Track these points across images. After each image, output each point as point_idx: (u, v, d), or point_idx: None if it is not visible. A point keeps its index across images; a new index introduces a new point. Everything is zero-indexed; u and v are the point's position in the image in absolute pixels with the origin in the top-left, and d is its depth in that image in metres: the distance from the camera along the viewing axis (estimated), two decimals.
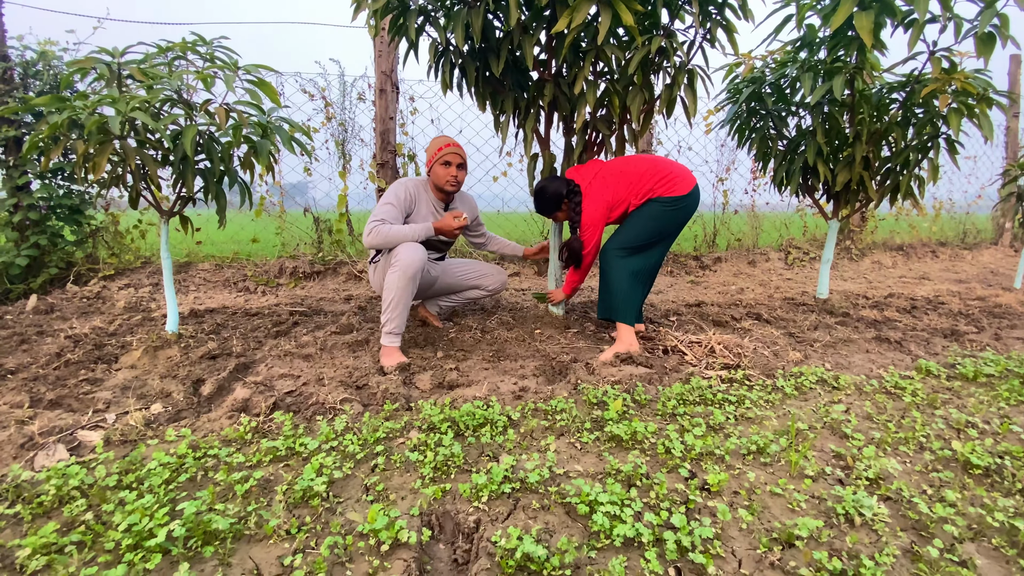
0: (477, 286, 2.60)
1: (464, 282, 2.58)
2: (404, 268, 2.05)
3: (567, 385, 1.84)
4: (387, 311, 2.09)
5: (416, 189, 2.26)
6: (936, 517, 1.15)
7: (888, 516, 1.15)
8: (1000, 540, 1.09)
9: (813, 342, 2.43)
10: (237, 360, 2.03)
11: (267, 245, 4.77)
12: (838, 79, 2.46)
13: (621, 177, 2.21)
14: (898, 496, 1.23)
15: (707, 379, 1.92)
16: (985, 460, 1.35)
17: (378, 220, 2.10)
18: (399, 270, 2.06)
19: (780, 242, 5.60)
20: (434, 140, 2.30)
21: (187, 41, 2.08)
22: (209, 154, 2.14)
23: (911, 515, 1.15)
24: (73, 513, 1.12)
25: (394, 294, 2.07)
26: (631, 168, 2.21)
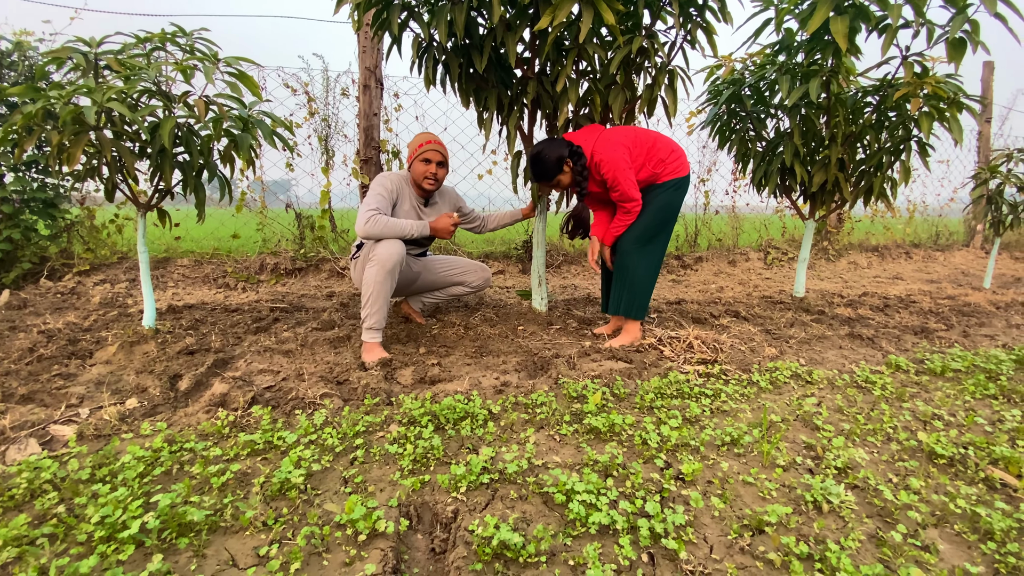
0: (460, 282, 2.61)
1: (447, 278, 2.58)
2: (382, 262, 2.04)
3: (548, 380, 1.85)
4: (366, 306, 2.08)
5: (399, 183, 2.25)
6: (901, 504, 1.19)
7: (855, 503, 1.19)
8: (962, 526, 1.13)
9: (789, 338, 2.48)
10: (215, 356, 2.01)
11: (248, 241, 4.71)
12: (814, 82, 2.52)
13: (635, 140, 2.15)
14: (865, 484, 1.27)
15: (685, 373, 1.95)
16: (949, 450, 1.40)
17: (373, 209, 2.07)
18: (377, 264, 2.05)
19: (760, 242, 5.71)
20: (417, 136, 2.29)
21: (166, 32, 2.05)
22: (188, 147, 2.11)
23: (877, 502, 1.19)
24: (45, 506, 1.10)
25: (372, 289, 2.06)
26: (640, 135, 2.17)
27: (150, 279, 2.28)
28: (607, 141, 2.11)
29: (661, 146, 2.18)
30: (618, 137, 2.13)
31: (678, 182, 2.20)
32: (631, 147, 2.14)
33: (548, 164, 2.15)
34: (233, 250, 4.34)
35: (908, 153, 2.86)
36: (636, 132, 2.18)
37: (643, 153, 2.15)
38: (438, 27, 1.98)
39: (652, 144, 2.16)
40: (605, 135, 2.13)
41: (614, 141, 2.11)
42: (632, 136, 2.15)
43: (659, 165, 2.17)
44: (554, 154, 2.14)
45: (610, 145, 2.10)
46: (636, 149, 2.14)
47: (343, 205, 4.68)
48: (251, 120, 2.19)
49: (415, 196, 2.29)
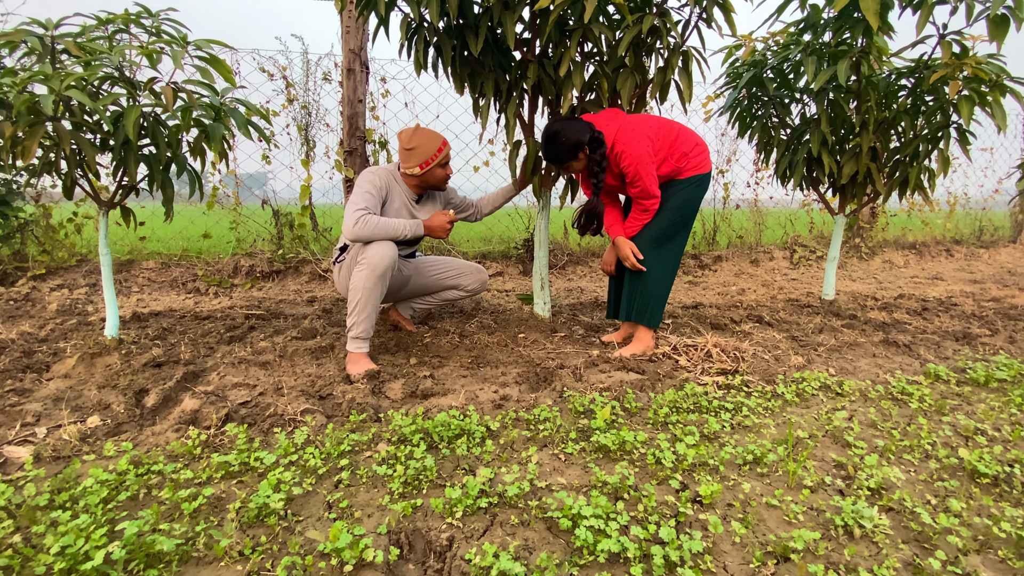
0: (455, 286, 2.62)
1: (440, 282, 2.59)
2: (373, 266, 2.05)
3: (552, 393, 1.86)
4: (353, 314, 2.09)
5: (387, 179, 2.24)
6: (940, 528, 1.20)
7: (889, 527, 1.19)
8: (1007, 552, 1.14)
9: (817, 346, 2.49)
10: (185, 368, 2.02)
11: (220, 241, 4.72)
12: (843, 63, 2.54)
13: (659, 130, 2.16)
14: (900, 507, 1.28)
15: (702, 385, 1.96)
16: (993, 468, 1.41)
17: (362, 209, 2.07)
18: (367, 268, 2.06)
19: (785, 240, 5.72)
20: (426, 137, 2.21)
21: (130, 13, 2.07)
22: (154, 138, 2.12)
23: (913, 526, 1.20)
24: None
25: (361, 295, 2.07)
26: (664, 125, 2.18)
27: (113, 284, 2.29)
28: (630, 131, 2.11)
29: (685, 139, 2.19)
30: (641, 127, 2.13)
31: (700, 179, 2.22)
32: (654, 139, 2.14)
33: (564, 146, 2.12)
34: (204, 251, 4.35)
35: (947, 141, 2.88)
36: (659, 122, 2.19)
37: (666, 146, 2.16)
38: (429, 6, 2.00)
39: (676, 136, 2.18)
40: (628, 123, 2.13)
41: (638, 131, 2.11)
42: (655, 126, 2.16)
43: (682, 159, 2.18)
44: (573, 136, 2.11)
45: (633, 136, 2.10)
46: (659, 141, 2.15)
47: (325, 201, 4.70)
48: (224, 108, 2.21)
49: (407, 193, 2.30)
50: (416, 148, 2.19)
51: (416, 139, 2.20)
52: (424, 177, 2.26)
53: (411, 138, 2.20)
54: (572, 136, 2.11)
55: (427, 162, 2.22)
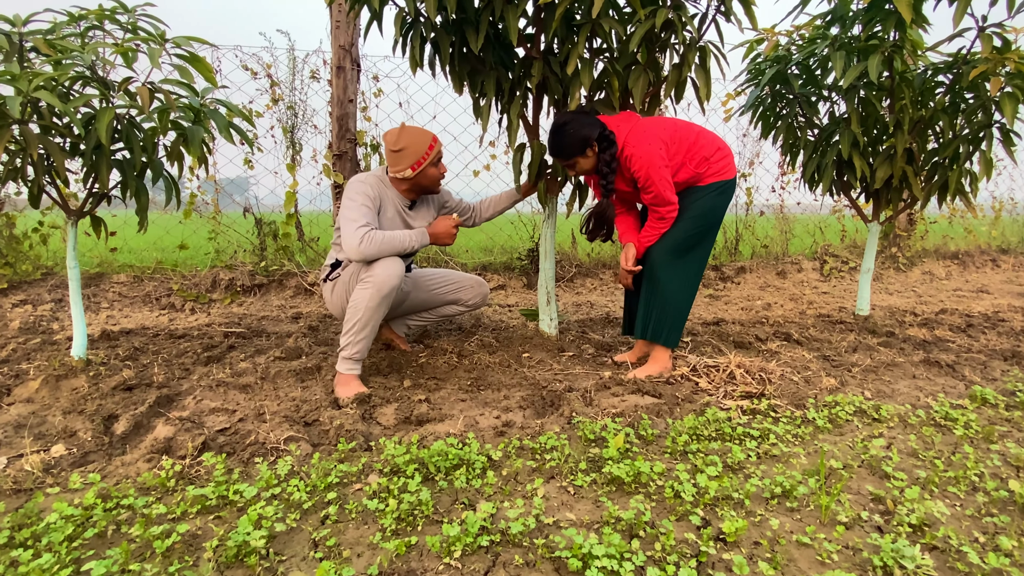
0: (454, 301, 2.63)
1: (439, 296, 2.61)
2: (380, 285, 2.05)
3: (560, 418, 1.86)
4: (350, 333, 2.09)
5: (378, 187, 2.25)
6: (989, 569, 1.19)
7: (933, 568, 1.18)
8: None
9: (851, 366, 2.49)
10: (158, 392, 2.03)
11: (198, 252, 4.75)
12: (874, 58, 2.57)
13: (675, 134, 2.18)
14: (945, 544, 1.27)
15: (725, 410, 1.95)
16: None
17: (364, 226, 2.06)
18: (373, 287, 2.05)
19: (814, 249, 5.73)
20: (414, 136, 2.20)
21: (104, 8, 2.11)
22: (129, 142, 2.15)
23: (960, 566, 1.19)
24: None
25: (362, 315, 2.07)
26: (681, 128, 2.21)
27: (81, 301, 2.30)
28: (642, 132, 2.14)
29: (705, 143, 2.22)
30: (655, 129, 2.16)
31: (723, 185, 2.23)
32: (669, 142, 2.17)
33: (570, 140, 2.15)
34: (180, 263, 4.38)
35: (989, 142, 2.89)
36: (676, 125, 2.22)
37: (683, 150, 2.19)
38: (426, 1, 2.03)
39: (694, 140, 2.20)
40: (640, 125, 2.17)
41: (650, 133, 2.14)
42: (671, 129, 2.19)
43: (702, 164, 2.20)
44: (580, 132, 2.14)
45: (645, 138, 2.12)
46: (675, 145, 2.18)
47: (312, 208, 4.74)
48: (204, 110, 2.24)
49: (399, 199, 2.31)
50: (405, 149, 2.18)
51: (404, 139, 2.19)
52: (417, 180, 2.26)
53: (398, 139, 2.19)
54: (581, 130, 2.14)
55: (418, 163, 2.21)
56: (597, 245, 5.35)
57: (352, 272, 2.22)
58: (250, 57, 4.30)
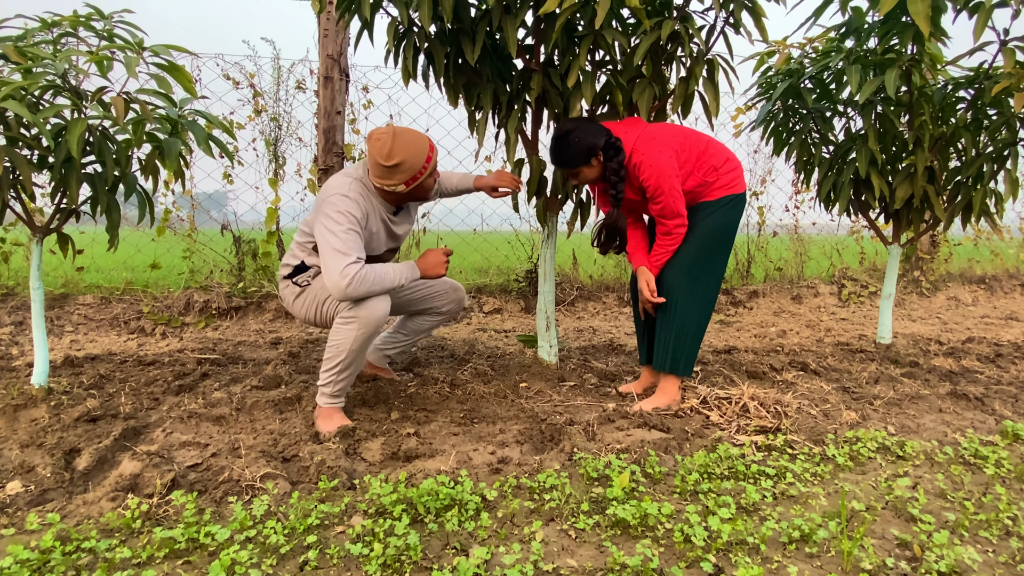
0: (427, 310, 2.55)
1: (410, 304, 2.52)
2: (366, 323, 2.03)
3: (560, 454, 1.85)
4: (332, 371, 2.07)
5: (362, 196, 2.13)
6: None
7: None
8: None
9: (873, 399, 2.49)
10: (125, 423, 2.01)
11: (171, 272, 4.75)
12: (891, 73, 2.62)
13: (684, 141, 2.21)
14: None
15: (739, 446, 1.95)
16: None
17: (354, 263, 1.98)
18: (359, 325, 2.02)
19: (831, 272, 5.77)
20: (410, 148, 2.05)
21: (79, 14, 2.14)
22: (101, 155, 2.17)
23: None
24: None
25: (346, 357, 2.05)
26: (690, 136, 2.23)
27: (44, 322, 2.29)
28: (651, 139, 2.16)
29: (714, 151, 2.25)
30: (665, 136, 2.19)
31: (734, 199, 2.26)
32: (679, 150, 2.20)
33: (574, 149, 2.16)
34: (151, 284, 4.37)
35: (1014, 160, 2.94)
36: (685, 132, 2.26)
37: (692, 158, 2.22)
38: (420, 9, 2.08)
39: (704, 149, 2.24)
40: (648, 131, 2.19)
41: (659, 140, 2.17)
42: (680, 137, 2.23)
43: (711, 174, 2.23)
44: (586, 140, 2.15)
45: (654, 145, 2.15)
46: (684, 153, 2.21)
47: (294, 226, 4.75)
48: (182, 121, 2.27)
49: (383, 207, 2.21)
50: (400, 164, 2.03)
51: (399, 151, 2.01)
52: (411, 193, 2.15)
53: (391, 152, 2.01)
54: (586, 138, 2.15)
55: (415, 178, 2.08)
56: (599, 267, 5.37)
57: (324, 286, 2.16)
58: (232, 66, 4.37)
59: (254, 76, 4.40)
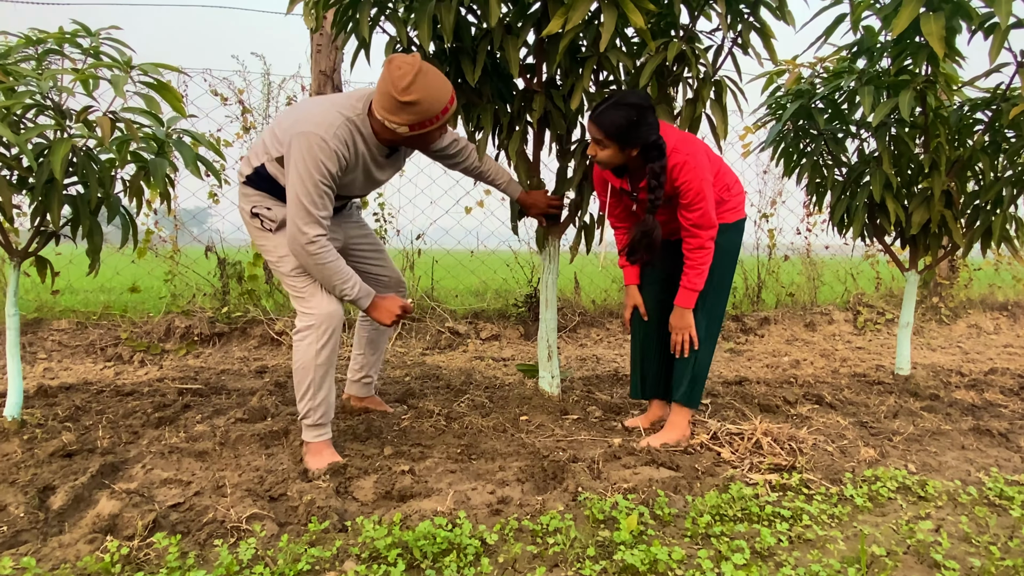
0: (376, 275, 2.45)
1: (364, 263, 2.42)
2: (323, 334, 2.00)
3: (563, 494, 1.85)
4: (306, 398, 2.06)
5: (348, 143, 1.96)
6: None
7: None
8: None
9: (892, 435, 2.49)
10: (102, 459, 2.01)
11: (151, 296, 4.76)
12: (905, 95, 2.67)
13: (709, 152, 2.24)
14: None
15: (752, 485, 1.95)
16: None
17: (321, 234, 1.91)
18: (314, 335, 2.00)
19: (846, 298, 5.80)
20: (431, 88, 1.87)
21: (65, 31, 2.19)
22: (84, 176, 2.20)
23: None
24: None
25: (313, 374, 2.03)
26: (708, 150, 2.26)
27: (19, 351, 2.30)
28: (691, 141, 2.16)
29: (727, 171, 2.32)
30: (698, 144, 2.20)
31: (740, 223, 2.35)
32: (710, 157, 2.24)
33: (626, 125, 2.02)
34: (130, 308, 4.38)
35: None
36: (704, 145, 2.27)
37: (714, 171, 2.25)
38: (419, 28, 2.13)
39: (720, 165, 2.29)
40: (686, 136, 2.19)
41: (697, 144, 2.17)
42: (704, 148, 2.25)
43: (725, 192, 2.28)
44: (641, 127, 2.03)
45: (697, 148, 2.15)
46: (712, 164, 2.24)
47: None
48: (168, 141, 2.30)
49: (376, 148, 2.05)
50: (416, 104, 1.84)
51: (418, 89, 1.83)
52: (411, 139, 1.99)
53: (410, 86, 1.82)
54: (642, 125, 2.04)
55: (423, 124, 1.91)
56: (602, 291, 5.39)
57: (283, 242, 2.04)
58: (220, 82, 4.44)
59: (243, 92, 4.47)
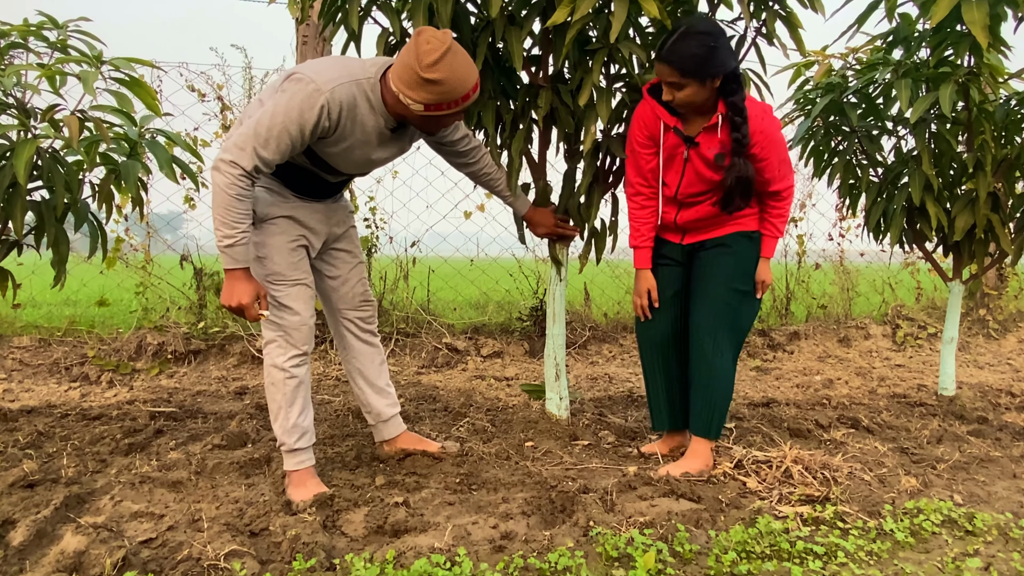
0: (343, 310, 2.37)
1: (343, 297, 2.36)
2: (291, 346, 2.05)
3: (573, 529, 1.84)
4: (278, 419, 2.07)
5: (352, 100, 1.93)
6: None
7: None
8: None
9: (936, 462, 2.48)
10: (67, 490, 2.01)
11: (121, 310, 4.77)
12: (946, 88, 2.68)
13: None
14: None
15: (781, 519, 1.94)
16: None
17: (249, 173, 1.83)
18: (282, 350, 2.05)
19: (884, 310, 5.78)
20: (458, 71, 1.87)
21: (30, 23, 2.22)
22: (50, 180, 2.22)
23: None
24: None
25: (282, 391, 2.06)
26: None
27: None
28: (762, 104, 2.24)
29: None
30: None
31: None
32: None
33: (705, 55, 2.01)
34: (98, 323, 4.39)
35: None
36: None
37: None
38: (414, 18, 2.14)
39: None
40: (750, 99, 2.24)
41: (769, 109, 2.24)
42: None
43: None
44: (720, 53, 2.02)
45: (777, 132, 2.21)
46: None
47: None
48: (141, 141, 2.32)
49: (384, 120, 2.03)
50: (437, 84, 1.83)
51: (445, 68, 1.83)
52: (421, 119, 1.96)
53: (438, 63, 1.82)
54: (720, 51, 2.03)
55: (440, 107, 1.90)
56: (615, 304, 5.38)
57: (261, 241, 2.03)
58: (198, 76, 4.47)
59: (222, 87, 4.50)
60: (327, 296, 2.33)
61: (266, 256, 2.04)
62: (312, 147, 1.98)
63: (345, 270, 2.31)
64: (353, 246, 2.35)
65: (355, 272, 2.34)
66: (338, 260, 2.31)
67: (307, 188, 2.11)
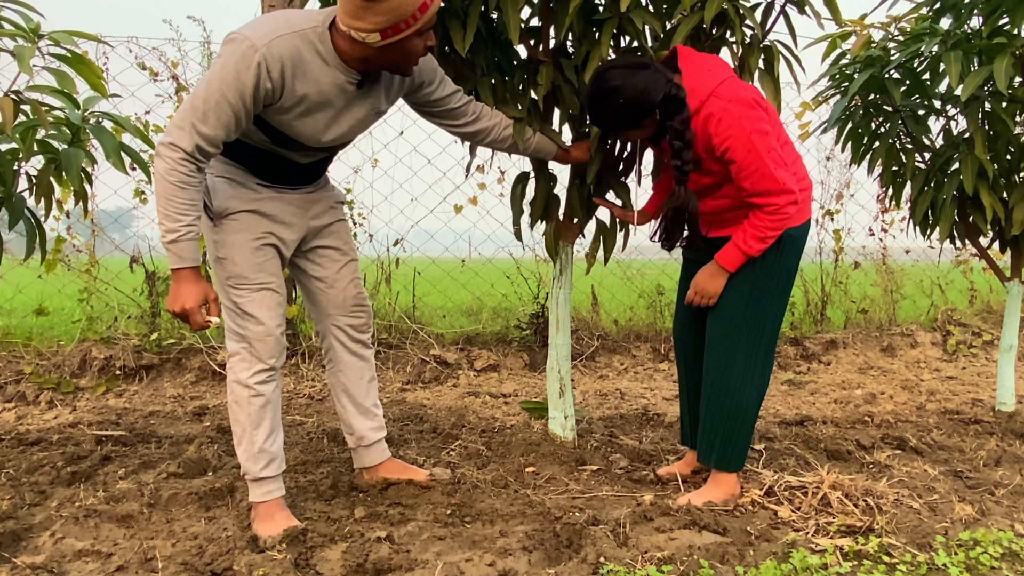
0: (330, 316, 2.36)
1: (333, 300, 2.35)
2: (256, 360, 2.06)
3: (582, 565, 1.84)
4: (242, 443, 2.07)
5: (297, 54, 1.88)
6: None
7: None
8: None
9: (994, 487, 2.48)
10: (2, 525, 2.00)
11: (62, 319, 4.75)
12: (1001, 61, 2.69)
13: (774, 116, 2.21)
14: None
15: (818, 552, 1.93)
16: None
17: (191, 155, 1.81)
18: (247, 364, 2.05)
19: (933, 315, 5.79)
20: None
21: None
22: None
23: None
24: None
25: (246, 410, 2.06)
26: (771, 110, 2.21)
27: None
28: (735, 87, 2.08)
29: (792, 150, 2.25)
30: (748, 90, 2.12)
31: (804, 228, 2.26)
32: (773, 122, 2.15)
33: (621, 110, 2.06)
34: (36, 335, 4.37)
35: None
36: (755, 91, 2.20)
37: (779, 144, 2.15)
38: None
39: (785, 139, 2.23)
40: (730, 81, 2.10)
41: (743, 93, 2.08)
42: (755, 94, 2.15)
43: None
44: (637, 98, 2.03)
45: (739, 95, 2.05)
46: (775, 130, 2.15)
47: None
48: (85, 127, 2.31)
49: (341, 72, 1.97)
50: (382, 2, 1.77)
51: None
52: (385, 52, 1.89)
53: None
54: (636, 96, 2.04)
55: (397, 28, 1.82)
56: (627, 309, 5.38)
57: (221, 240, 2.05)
58: (149, 52, 4.46)
59: (178, 65, 4.49)
60: (315, 300, 2.32)
61: (226, 256, 2.04)
62: (264, 118, 1.95)
63: (333, 270, 2.30)
64: (342, 242, 2.32)
65: (345, 272, 2.32)
66: (324, 259, 2.29)
67: (273, 174, 2.10)
